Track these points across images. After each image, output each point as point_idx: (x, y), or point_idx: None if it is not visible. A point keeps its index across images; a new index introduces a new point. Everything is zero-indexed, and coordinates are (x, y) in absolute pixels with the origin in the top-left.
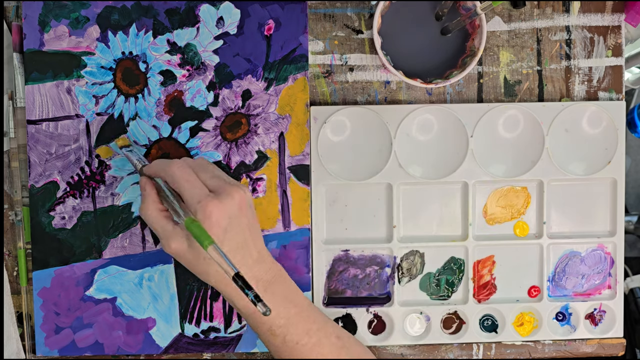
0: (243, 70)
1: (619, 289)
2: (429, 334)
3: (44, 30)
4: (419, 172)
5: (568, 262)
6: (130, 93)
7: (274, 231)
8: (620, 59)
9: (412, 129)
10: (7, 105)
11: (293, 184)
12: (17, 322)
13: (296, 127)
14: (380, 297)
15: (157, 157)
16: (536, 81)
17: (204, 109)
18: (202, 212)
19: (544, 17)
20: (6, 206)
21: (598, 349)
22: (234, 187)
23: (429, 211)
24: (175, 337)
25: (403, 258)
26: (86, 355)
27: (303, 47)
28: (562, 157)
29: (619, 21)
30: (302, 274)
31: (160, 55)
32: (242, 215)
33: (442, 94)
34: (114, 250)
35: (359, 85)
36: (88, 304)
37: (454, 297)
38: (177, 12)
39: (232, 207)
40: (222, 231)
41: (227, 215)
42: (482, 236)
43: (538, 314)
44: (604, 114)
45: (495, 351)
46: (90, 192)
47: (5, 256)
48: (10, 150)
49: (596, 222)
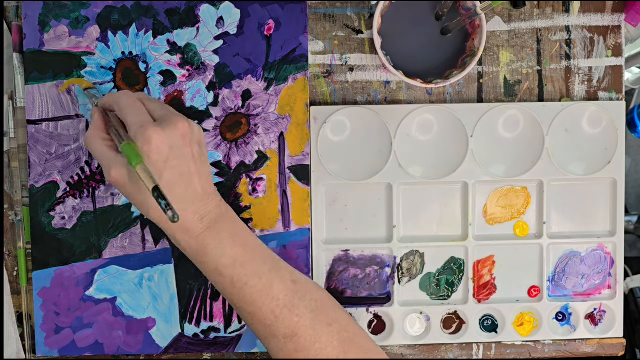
0: (243, 70)
1: (619, 289)
2: (429, 334)
3: (44, 30)
4: (419, 172)
5: (568, 262)
6: None
7: (274, 231)
8: (620, 59)
9: (412, 129)
10: (7, 105)
11: (293, 184)
12: (17, 322)
13: (296, 127)
14: (380, 297)
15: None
16: (536, 81)
17: (204, 109)
18: (141, 136)
19: (544, 17)
20: (6, 206)
21: (598, 349)
22: (179, 118)
23: (429, 211)
24: (175, 337)
25: (403, 258)
26: (86, 355)
27: (303, 47)
28: (562, 157)
29: (619, 21)
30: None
31: (160, 55)
32: (185, 145)
33: (442, 94)
34: (114, 250)
35: (359, 85)
36: (88, 304)
37: (454, 297)
38: (177, 12)
39: (175, 136)
40: (163, 159)
41: (168, 143)
42: (482, 236)
43: (538, 314)
44: (604, 114)
45: (495, 351)
46: (90, 192)
47: (5, 256)
48: (10, 150)
49: (596, 222)
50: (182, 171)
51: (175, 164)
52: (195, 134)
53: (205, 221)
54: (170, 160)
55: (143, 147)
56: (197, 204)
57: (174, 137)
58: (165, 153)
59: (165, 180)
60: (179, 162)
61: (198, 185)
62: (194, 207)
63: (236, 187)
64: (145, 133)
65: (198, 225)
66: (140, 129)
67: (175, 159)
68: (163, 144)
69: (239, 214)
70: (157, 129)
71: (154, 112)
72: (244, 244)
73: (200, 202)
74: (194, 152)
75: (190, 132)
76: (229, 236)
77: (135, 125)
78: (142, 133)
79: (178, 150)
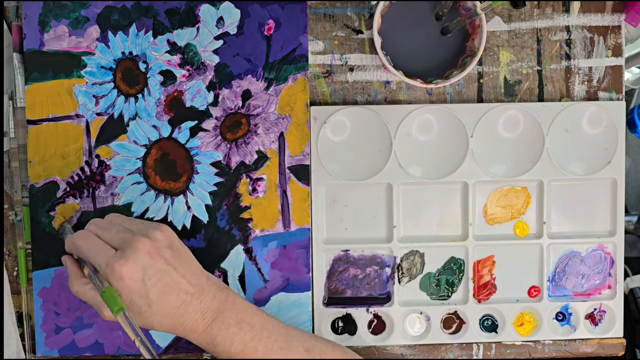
0: (243, 70)
1: (619, 289)
2: (429, 334)
3: (44, 30)
4: (419, 172)
5: (568, 262)
6: (130, 93)
7: (274, 231)
8: (620, 59)
9: (412, 129)
10: (7, 105)
11: (293, 184)
12: (17, 322)
13: (296, 127)
14: (380, 297)
15: (156, 158)
16: (536, 81)
17: (204, 109)
18: (111, 275)
19: (544, 17)
20: (6, 206)
21: (598, 349)
22: (138, 237)
23: (429, 211)
24: (175, 337)
25: (403, 258)
26: (86, 355)
27: (303, 47)
28: (562, 157)
29: (619, 21)
30: (302, 274)
31: (160, 55)
32: (156, 260)
33: (442, 94)
34: None
35: (359, 85)
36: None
37: (454, 297)
38: (177, 12)
39: (140, 258)
40: (140, 284)
41: (138, 267)
42: (482, 236)
43: (538, 314)
44: (604, 114)
45: (495, 351)
46: (90, 192)
47: (5, 256)
48: (10, 150)
49: (596, 222)
50: (165, 282)
51: (154, 280)
52: (160, 242)
53: (207, 317)
54: (147, 280)
55: (118, 284)
56: (194, 304)
57: (140, 259)
58: (140, 278)
59: (154, 299)
60: (158, 277)
61: (188, 286)
62: (192, 308)
63: (236, 187)
64: (114, 271)
65: (201, 323)
66: (107, 268)
67: (153, 276)
68: (133, 271)
69: (239, 214)
70: (121, 261)
71: (111, 241)
72: (251, 328)
73: (197, 300)
74: (168, 260)
75: (154, 244)
76: (235, 324)
77: (101, 266)
78: (111, 272)
79: (151, 268)
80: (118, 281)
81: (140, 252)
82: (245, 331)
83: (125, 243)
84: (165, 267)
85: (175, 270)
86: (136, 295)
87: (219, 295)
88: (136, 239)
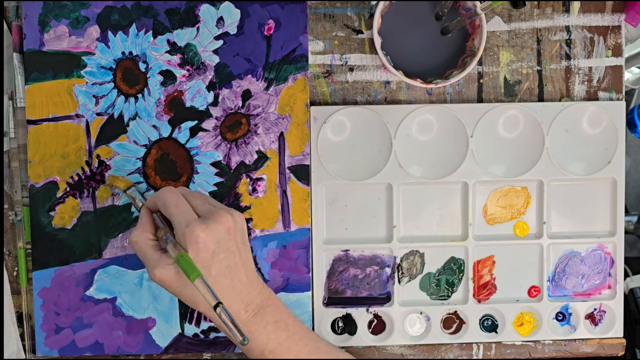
0: (243, 70)
1: (619, 289)
2: (429, 334)
3: (44, 30)
4: (419, 172)
5: (568, 262)
6: (130, 93)
7: (274, 231)
8: (620, 59)
9: (412, 129)
10: (7, 105)
11: (293, 184)
12: (17, 322)
13: (296, 127)
14: (380, 297)
15: (156, 158)
16: (536, 81)
17: (204, 109)
18: (189, 235)
19: (544, 17)
20: (6, 206)
21: (598, 349)
22: (223, 212)
23: (429, 211)
24: (175, 337)
25: (403, 258)
26: (86, 355)
27: (303, 47)
28: (562, 157)
29: (619, 21)
30: (302, 274)
31: (160, 55)
32: (230, 239)
33: (442, 94)
34: (114, 250)
35: (359, 85)
36: (88, 304)
37: (454, 297)
38: (177, 12)
39: (220, 231)
40: (210, 254)
41: (215, 239)
42: (482, 236)
43: (538, 314)
44: (604, 114)
45: (495, 351)
46: (90, 192)
47: (5, 256)
48: (10, 150)
49: (596, 222)
50: (229, 263)
51: (222, 257)
52: (239, 224)
53: (250, 309)
54: (217, 255)
55: (192, 246)
56: (242, 294)
57: (219, 232)
58: (212, 249)
59: (213, 274)
60: (225, 255)
61: (243, 275)
62: (240, 297)
63: (236, 187)
64: (193, 233)
65: (243, 314)
66: (187, 228)
67: (222, 252)
68: (210, 240)
69: None
70: (202, 226)
71: (197, 208)
72: (286, 328)
73: (246, 291)
74: (238, 243)
75: (234, 225)
76: (272, 322)
77: (181, 224)
78: (190, 233)
79: (224, 244)
80: (192, 244)
81: (222, 225)
82: (282, 330)
83: (209, 213)
84: (234, 249)
85: (240, 256)
86: (200, 264)
87: (264, 292)
88: (221, 213)
